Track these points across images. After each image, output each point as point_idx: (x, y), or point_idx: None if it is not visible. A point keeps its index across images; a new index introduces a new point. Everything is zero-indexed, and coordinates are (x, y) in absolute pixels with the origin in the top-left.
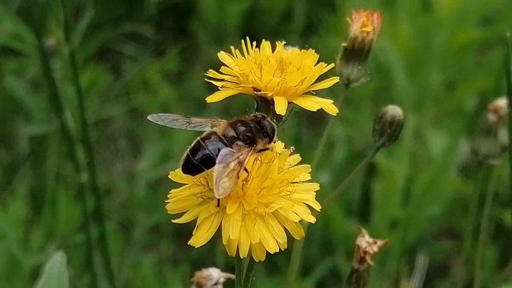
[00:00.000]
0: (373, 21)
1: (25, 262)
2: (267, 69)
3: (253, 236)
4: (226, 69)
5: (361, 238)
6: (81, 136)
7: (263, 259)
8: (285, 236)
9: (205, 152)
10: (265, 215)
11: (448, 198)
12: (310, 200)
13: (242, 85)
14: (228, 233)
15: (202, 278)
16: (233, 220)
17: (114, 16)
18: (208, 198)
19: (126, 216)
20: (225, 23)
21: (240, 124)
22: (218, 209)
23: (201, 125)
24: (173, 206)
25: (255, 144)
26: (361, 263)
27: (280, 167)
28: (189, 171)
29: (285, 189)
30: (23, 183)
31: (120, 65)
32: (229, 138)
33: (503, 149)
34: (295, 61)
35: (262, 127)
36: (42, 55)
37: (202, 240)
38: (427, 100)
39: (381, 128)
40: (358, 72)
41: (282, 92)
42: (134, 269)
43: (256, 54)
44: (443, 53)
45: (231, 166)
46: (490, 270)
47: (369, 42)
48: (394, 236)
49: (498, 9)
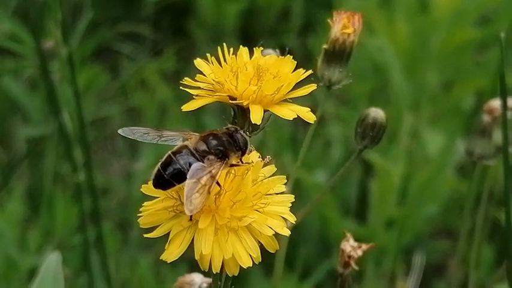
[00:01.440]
0: (354, 23)
1: (22, 262)
2: (243, 77)
3: (226, 251)
4: (202, 77)
5: (345, 242)
6: (79, 136)
7: (236, 273)
8: (259, 250)
9: (176, 167)
10: (239, 229)
11: (444, 198)
12: (285, 212)
13: (218, 93)
14: (200, 248)
15: (185, 284)
16: (205, 235)
17: (111, 15)
18: (180, 212)
19: (124, 216)
20: (222, 22)
21: (212, 138)
22: (191, 223)
23: (172, 138)
24: (145, 219)
25: (227, 158)
26: (345, 267)
27: (254, 179)
28: (160, 186)
29: (259, 202)
30: (20, 183)
31: (118, 65)
32: (200, 152)
33: (497, 150)
34: (272, 68)
35: (234, 140)
36: (40, 56)
37: (174, 255)
38: (423, 99)
39: (363, 131)
40: (340, 74)
41: (258, 101)
42: (132, 268)
43: (233, 61)
44: (440, 53)
45: (202, 181)
46: (486, 269)
47: (350, 44)
48: (390, 236)
49: (495, 9)
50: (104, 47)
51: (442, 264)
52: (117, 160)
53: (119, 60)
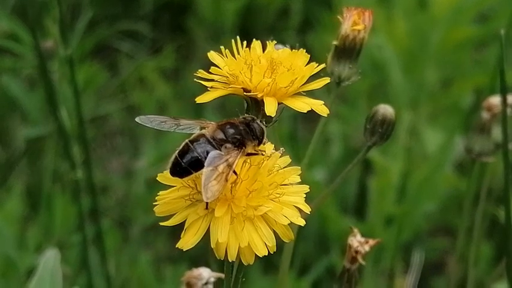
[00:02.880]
0: (364, 19)
1: (21, 261)
2: (257, 69)
3: (242, 239)
4: (216, 69)
5: (352, 237)
6: (78, 134)
7: (252, 262)
8: (274, 239)
9: (193, 155)
10: (254, 218)
11: (443, 195)
12: (299, 202)
13: (232, 86)
14: (217, 236)
15: (192, 278)
16: (221, 223)
17: (110, 13)
18: (196, 200)
19: (123, 214)
20: (221, 20)
21: (229, 126)
22: (206, 212)
23: (189, 127)
24: (161, 208)
25: (244, 146)
26: (352, 262)
27: (269, 169)
28: (177, 174)
29: (275, 192)
30: (19, 181)
31: (117, 63)
32: (218, 140)
33: (497, 147)
34: (286, 61)
35: (251, 129)
36: (39, 55)
37: (190, 244)
38: (422, 97)
39: (372, 127)
40: (350, 71)
41: (272, 93)
42: (131, 266)
43: (247, 54)
44: (439, 50)
45: (219, 169)
46: (484, 266)
47: (360, 40)
48: (389, 233)
49: (493, 6)
50: (102, 45)
51: (441, 262)
52: (116, 158)
53: (118, 58)
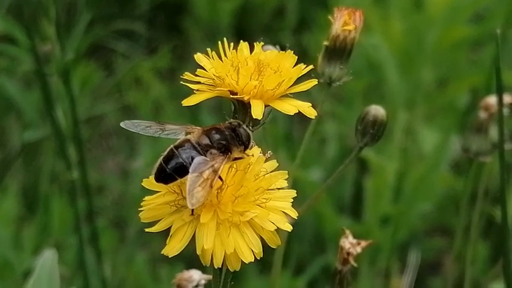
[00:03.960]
0: (355, 19)
1: (17, 262)
2: (244, 72)
3: (228, 246)
4: (202, 71)
5: (344, 239)
6: (73, 133)
7: (238, 268)
8: (260, 245)
9: (178, 161)
10: (240, 224)
11: (439, 195)
12: (286, 207)
13: (218, 88)
14: (202, 242)
15: (183, 280)
16: (207, 229)
17: (106, 13)
18: (182, 206)
19: (119, 214)
20: (217, 20)
21: (215, 132)
22: (192, 218)
23: (174, 132)
24: (146, 214)
25: (229, 152)
26: (344, 264)
27: (256, 174)
28: (162, 180)
29: (261, 197)
30: (15, 181)
31: (112, 62)
32: (203, 146)
33: (494, 146)
34: (273, 63)
35: (237, 134)
36: (35, 56)
37: (175, 250)
38: (418, 97)
39: (364, 128)
40: (340, 71)
41: (258, 95)
42: (127, 266)
43: (234, 56)
44: (435, 50)
45: (204, 175)
46: (481, 266)
47: (351, 40)
48: (385, 233)
49: (489, 6)
50: (98, 44)
51: (438, 262)
52: (112, 158)
53: (114, 58)
